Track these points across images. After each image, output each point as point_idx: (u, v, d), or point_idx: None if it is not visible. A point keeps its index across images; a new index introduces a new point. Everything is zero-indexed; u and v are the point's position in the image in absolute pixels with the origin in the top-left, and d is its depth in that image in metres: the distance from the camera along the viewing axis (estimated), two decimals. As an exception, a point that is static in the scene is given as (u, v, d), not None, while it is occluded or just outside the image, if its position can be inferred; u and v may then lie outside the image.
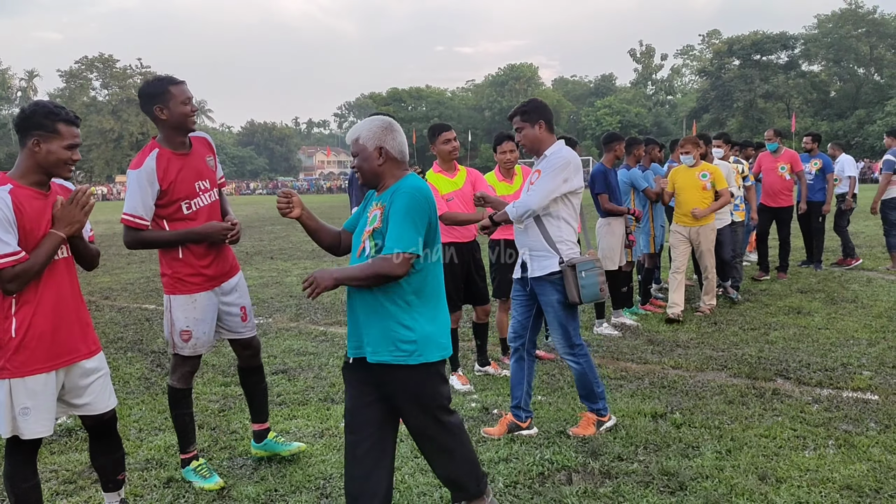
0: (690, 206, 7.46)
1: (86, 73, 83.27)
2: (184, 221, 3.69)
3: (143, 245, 3.69)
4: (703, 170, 7.48)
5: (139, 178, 3.57)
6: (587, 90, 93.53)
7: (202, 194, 3.75)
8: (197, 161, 3.78)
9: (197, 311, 3.74)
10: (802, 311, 7.64)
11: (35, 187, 2.97)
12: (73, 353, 3.06)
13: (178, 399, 3.90)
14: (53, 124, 2.94)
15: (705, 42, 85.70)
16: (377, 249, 2.88)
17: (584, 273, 4.15)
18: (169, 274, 3.73)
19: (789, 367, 5.64)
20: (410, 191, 2.87)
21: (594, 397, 4.42)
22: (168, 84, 3.64)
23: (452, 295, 5.36)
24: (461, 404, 5.04)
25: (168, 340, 3.84)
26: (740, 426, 4.44)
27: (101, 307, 9.32)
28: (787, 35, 69.03)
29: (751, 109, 69.04)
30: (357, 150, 3.01)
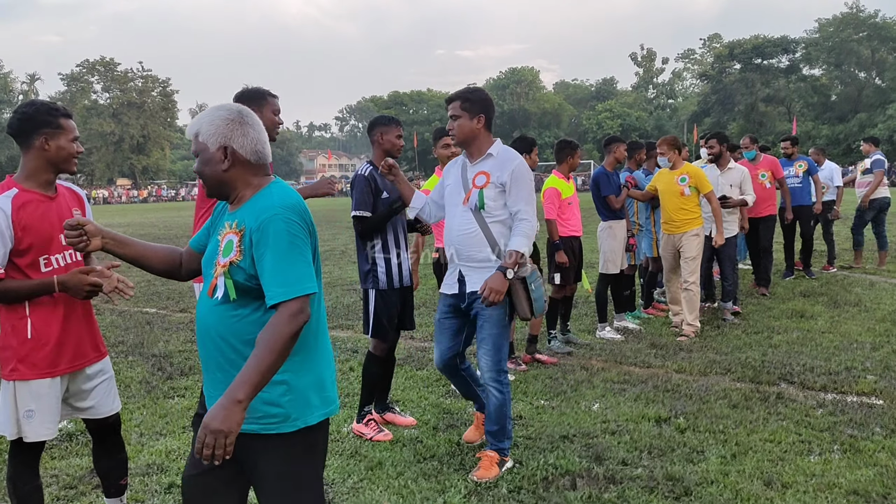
0: (669, 212, 7.01)
1: (87, 77, 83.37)
2: None
3: None
4: (682, 173, 6.96)
5: None
6: (588, 94, 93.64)
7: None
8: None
9: None
10: (805, 315, 7.61)
11: (41, 189, 2.96)
12: (82, 359, 3.05)
13: None
14: (57, 120, 2.95)
15: (706, 46, 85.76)
16: (240, 291, 2.19)
17: (534, 285, 3.83)
18: None
19: (793, 371, 5.62)
20: (285, 212, 2.17)
21: (503, 435, 3.96)
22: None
23: None
24: (464, 409, 5.02)
25: None
26: (745, 431, 4.41)
27: (101, 311, 9.29)
28: (789, 39, 69.11)
29: (752, 113, 69.08)
30: (197, 149, 2.29)
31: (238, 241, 2.20)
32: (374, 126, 4.67)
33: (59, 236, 2.94)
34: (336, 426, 4.74)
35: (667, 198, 7.03)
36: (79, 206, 3.15)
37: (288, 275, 2.11)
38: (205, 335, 2.30)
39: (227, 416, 1.98)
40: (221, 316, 2.25)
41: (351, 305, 9.05)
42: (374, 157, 4.67)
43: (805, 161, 9.86)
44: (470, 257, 3.88)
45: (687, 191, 6.87)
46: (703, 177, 6.91)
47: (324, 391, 2.29)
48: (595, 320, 7.38)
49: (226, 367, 2.23)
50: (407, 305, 4.76)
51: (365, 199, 4.50)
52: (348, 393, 5.44)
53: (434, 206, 4.21)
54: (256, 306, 2.21)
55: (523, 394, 5.32)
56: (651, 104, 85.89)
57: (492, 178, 3.82)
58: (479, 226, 3.84)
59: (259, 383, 2.03)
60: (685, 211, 6.92)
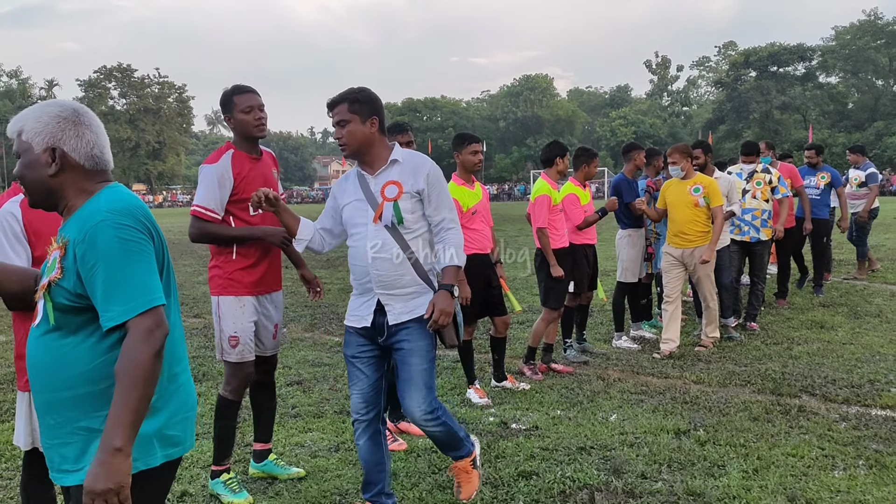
0: (680, 224, 6.58)
1: (104, 83, 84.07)
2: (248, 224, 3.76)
3: (209, 238, 3.72)
4: (695, 183, 6.55)
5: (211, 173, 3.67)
6: (602, 101, 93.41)
7: None
8: (264, 168, 3.87)
9: (245, 315, 3.74)
10: (826, 326, 7.49)
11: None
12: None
13: (226, 410, 3.85)
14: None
15: (721, 53, 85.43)
16: (65, 314, 1.90)
17: (457, 308, 3.30)
18: (219, 273, 3.76)
19: (814, 383, 5.51)
20: (113, 216, 1.86)
21: (459, 444, 3.59)
22: (232, 94, 3.77)
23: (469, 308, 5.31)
24: (478, 418, 4.96)
25: (217, 346, 3.82)
26: (766, 444, 4.32)
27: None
28: (805, 47, 68.58)
29: (767, 121, 68.58)
30: (19, 149, 1.98)
31: (60, 258, 1.90)
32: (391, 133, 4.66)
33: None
34: (351, 435, 4.68)
35: (678, 209, 6.61)
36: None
37: (128, 288, 1.82)
38: (33, 373, 1.95)
39: (111, 471, 1.72)
40: (48, 347, 1.93)
41: (364, 312, 9.00)
42: None
43: (829, 173, 9.38)
44: (392, 283, 3.23)
45: (701, 202, 6.49)
46: (716, 188, 6.57)
47: (171, 428, 1.97)
48: (611, 329, 7.29)
49: (60, 409, 1.90)
50: None
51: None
52: (362, 401, 5.38)
53: (326, 235, 3.52)
54: (90, 332, 1.90)
55: (539, 404, 5.25)
56: (665, 111, 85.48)
57: (405, 188, 3.24)
58: (398, 245, 3.22)
59: (134, 422, 1.75)
60: (698, 223, 6.53)
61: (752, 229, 7.51)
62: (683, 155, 6.60)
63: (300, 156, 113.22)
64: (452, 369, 6.23)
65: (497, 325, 5.60)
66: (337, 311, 9.15)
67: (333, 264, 14.58)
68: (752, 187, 7.53)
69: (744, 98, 69.33)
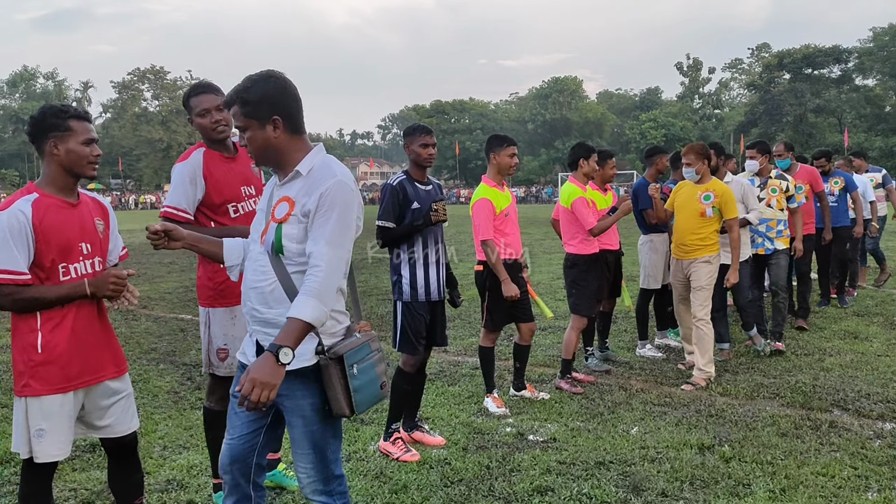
0: (681, 233, 5.92)
1: (137, 85, 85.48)
2: None
3: None
4: (707, 189, 5.84)
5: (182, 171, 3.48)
6: (632, 103, 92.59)
7: (247, 199, 3.63)
8: (242, 166, 3.66)
9: (236, 327, 3.55)
10: (860, 337, 7.22)
11: (62, 195, 2.90)
12: (97, 373, 2.94)
13: (214, 421, 3.69)
14: (65, 122, 2.85)
15: (754, 55, 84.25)
16: None
17: (357, 367, 2.51)
18: (208, 285, 3.56)
19: (847, 397, 5.28)
20: None
21: None
22: (188, 96, 3.61)
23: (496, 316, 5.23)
24: (495, 429, 4.82)
25: (204, 359, 3.65)
26: (795, 462, 4.12)
27: (137, 316, 9.33)
28: (841, 49, 67.31)
29: (801, 124, 67.40)
30: None
31: None
32: (405, 137, 4.60)
33: (80, 245, 2.89)
34: (363, 444, 4.58)
35: (683, 215, 5.95)
36: (102, 216, 3.07)
37: None
38: None
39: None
40: None
41: (385, 316, 8.90)
42: (410, 167, 4.58)
43: (841, 177, 8.77)
44: (267, 321, 2.54)
45: (709, 211, 5.79)
46: (731, 198, 5.84)
47: None
48: (635, 337, 7.10)
49: None
50: (437, 320, 4.59)
51: (389, 209, 4.40)
52: (376, 409, 5.26)
53: None
54: None
55: (558, 414, 5.09)
56: (696, 114, 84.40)
57: (296, 208, 2.52)
58: (276, 276, 2.53)
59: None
60: (700, 235, 5.85)
61: (766, 240, 6.85)
62: (699, 156, 5.90)
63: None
64: (471, 377, 6.10)
65: (522, 332, 5.43)
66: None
67: (357, 267, 14.44)
68: (767, 195, 6.87)
69: (777, 101, 68.21)
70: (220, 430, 3.66)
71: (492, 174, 5.28)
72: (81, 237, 2.91)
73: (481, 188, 5.23)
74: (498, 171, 5.25)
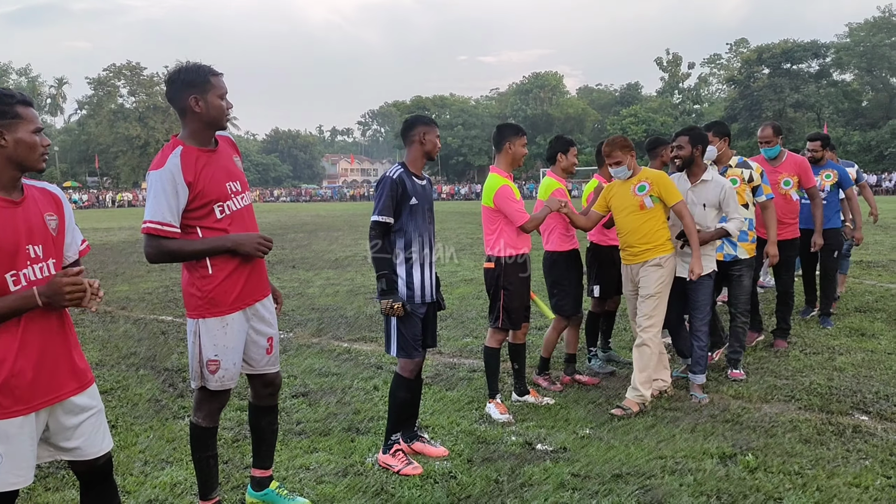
0: (626, 235, 5.17)
1: (113, 81, 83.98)
2: (216, 231, 3.17)
3: (169, 257, 3.10)
4: (639, 180, 5.11)
5: (162, 179, 3.04)
6: (612, 99, 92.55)
7: (234, 197, 3.23)
8: (225, 160, 3.28)
9: (228, 336, 3.21)
10: (866, 334, 7.02)
11: (3, 193, 2.48)
12: (58, 391, 2.55)
13: (202, 439, 3.37)
14: (13, 108, 2.48)
15: (733, 51, 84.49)
16: None
17: None
18: (197, 294, 3.19)
19: (865, 398, 5.05)
20: None
21: None
22: (209, 74, 3.18)
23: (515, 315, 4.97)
24: (500, 438, 4.52)
25: (192, 372, 3.29)
26: (824, 472, 3.87)
27: (116, 318, 8.93)
28: (819, 44, 67.70)
29: (780, 119, 67.61)
30: None
31: None
32: (415, 125, 4.23)
33: (27, 248, 2.47)
34: (360, 456, 4.27)
35: (622, 216, 5.18)
36: (54, 209, 2.64)
37: None
38: None
39: None
40: None
41: (374, 316, 8.59)
42: (411, 159, 4.23)
43: (834, 170, 7.42)
44: None
45: (648, 202, 5.03)
46: (668, 184, 5.05)
47: None
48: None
49: None
50: (430, 321, 4.29)
51: (389, 203, 4.05)
52: (372, 417, 4.96)
53: None
54: None
55: (565, 421, 4.81)
56: (676, 109, 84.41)
57: None
58: None
59: None
60: (645, 232, 5.06)
61: (725, 243, 5.66)
62: (625, 149, 5.14)
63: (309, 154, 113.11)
64: (469, 380, 5.80)
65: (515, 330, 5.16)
66: (346, 315, 8.73)
67: (341, 264, 14.16)
68: None
69: (756, 96, 68.53)
70: (208, 451, 3.34)
71: (503, 164, 4.98)
72: (29, 239, 2.50)
73: (495, 178, 4.90)
74: (511, 162, 4.95)
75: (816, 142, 7.52)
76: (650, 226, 5.06)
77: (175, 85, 3.16)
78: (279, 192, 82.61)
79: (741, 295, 5.73)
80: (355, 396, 5.44)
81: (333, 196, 79.46)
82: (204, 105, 3.14)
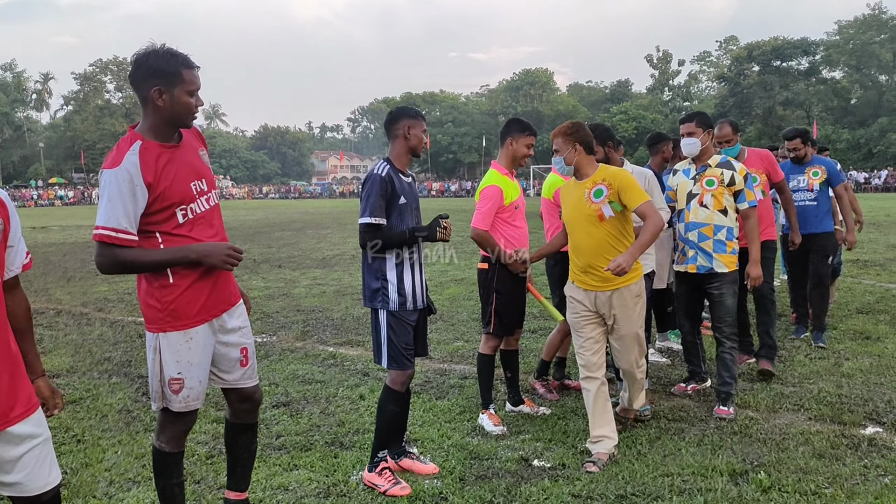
0: (586, 254, 4.12)
1: (100, 76, 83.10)
2: (177, 237, 2.81)
3: (124, 268, 2.76)
4: (594, 183, 4.08)
5: (118, 179, 2.67)
6: (602, 96, 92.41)
7: (199, 198, 2.89)
8: (189, 155, 2.92)
9: (192, 352, 2.88)
10: (871, 337, 6.76)
11: None
12: None
13: (165, 465, 3.04)
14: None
15: (722, 48, 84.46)
16: None
17: None
18: (156, 306, 2.85)
19: (878, 408, 4.79)
20: None
21: None
22: (181, 65, 2.80)
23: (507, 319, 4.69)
24: (494, 452, 4.22)
25: (153, 393, 2.94)
26: (842, 491, 3.59)
27: (92, 321, 8.57)
28: (808, 41, 67.76)
29: (770, 117, 67.77)
30: None
31: None
32: (399, 118, 3.89)
33: None
34: (343, 474, 3.96)
35: (577, 229, 4.17)
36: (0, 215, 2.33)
37: None
38: None
39: None
40: None
41: (361, 318, 8.27)
42: (395, 155, 3.90)
43: (822, 166, 6.62)
44: None
45: (607, 210, 4.01)
46: (629, 182, 4.03)
47: None
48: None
49: None
50: (421, 328, 3.99)
51: (380, 203, 3.73)
52: (358, 429, 4.65)
53: None
54: None
55: (563, 433, 4.52)
56: (667, 106, 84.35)
57: None
58: None
59: None
60: (609, 247, 4.07)
61: (699, 255, 4.95)
62: (568, 139, 4.13)
63: (298, 151, 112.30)
64: (461, 388, 5.51)
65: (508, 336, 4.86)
66: (332, 317, 8.41)
67: (329, 263, 13.83)
68: (701, 189, 4.95)
69: (746, 93, 68.53)
70: (172, 478, 3.02)
71: (504, 161, 4.68)
72: None
73: (492, 175, 4.61)
74: (512, 160, 4.65)
75: (795, 139, 6.65)
76: (620, 241, 4.08)
77: (140, 70, 2.78)
78: (268, 189, 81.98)
79: (725, 316, 4.89)
80: (340, 406, 5.13)
81: (323, 193, 78.91)
82: (168, 99, 2.77)
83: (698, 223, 4.91)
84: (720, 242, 4.87)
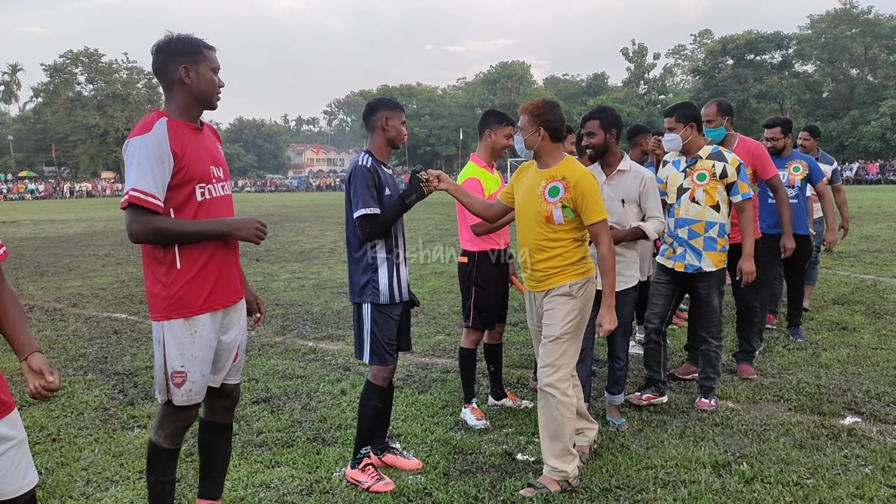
0: (523, 244, 3.76)
1: (70, 68, 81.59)
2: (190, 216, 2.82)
3: (158, 236, 2.74)
4: (553, 178, 3.61)
5: (147, 146, 2.69)
6: (579, 89, 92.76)
7: (216, 183, 2.94)
8: (209, 142, 3.00)
9: (196, 345, 2.85)
10: (847, 328, 6.85)
11: None
12: None
13: (160, 462, 2.97)
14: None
15: (697, 42, 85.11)
16: None
17: None
18: (162, 294, 2.81)
19: (857, 398, 4.84)
20: None
21: None
22: (202, 45, 2.90)
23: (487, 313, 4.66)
24: (478, 447, 4.21)
25: (158, 385, 2.90)
26: (824, 482, 3.62)
27: (66, 317, 8.42)
28: (782, 35, 68.56)
29: (744, 110, 68.46)
30: None
31: None
32: (377, 109, 3.82)
33: None
34: (325, 471, 3.92)
35: (522, 217, 3.76)
36: None
37: None
38: None
39: None
40: None
41: (342, 312, 8.22)
42: (375, 147, 3.85)
43: (804, 161, 6.31)
44: None
45: (557, 215, 3.56)
46: (591, 193, 3.52)
47: None
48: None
49: None
50: (404, 323, 3.95)
51: (372, 193, 3.68)
52: (340, 425, 4.61)
53: None
54: None
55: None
56: (642, 100, 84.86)
57: None
58: None
59: None
60: (552, 251, 3.62)
61: (689, 252, 4.80)
62: (533, 119, 3.63)
63: (274, 144, 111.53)
64: (443, 381, 5.48)
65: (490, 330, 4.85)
66: (311, 311, 8.34)
67: (308, 257, 13.73)
68: (692, 183, 4.76)
69: (721, 87, 69.18)
70: (164, 475, 2.96)
71: (483, 153, 4.65)
72: None
73: (470, 167, 4.59)
74: (490, 151, 4.62)
75: (775, 128, 6.29)
76: (557, 246, 3.61)
77: (164, 53, 2.85)
78: (244, 183, 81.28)
79: (711, 316, 4.81)
80: (321, 402, 5.08)
81: (299, 186, 78.43)
82: (195, 76, 2.85)
83: (689, 220, 4.76)
84: (711, 240, 4.72)
